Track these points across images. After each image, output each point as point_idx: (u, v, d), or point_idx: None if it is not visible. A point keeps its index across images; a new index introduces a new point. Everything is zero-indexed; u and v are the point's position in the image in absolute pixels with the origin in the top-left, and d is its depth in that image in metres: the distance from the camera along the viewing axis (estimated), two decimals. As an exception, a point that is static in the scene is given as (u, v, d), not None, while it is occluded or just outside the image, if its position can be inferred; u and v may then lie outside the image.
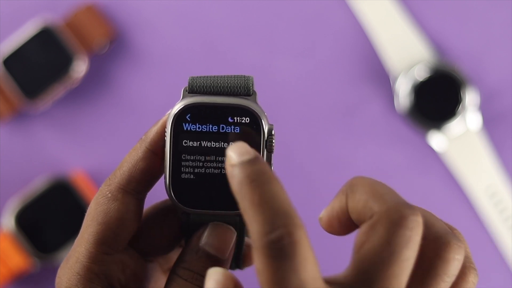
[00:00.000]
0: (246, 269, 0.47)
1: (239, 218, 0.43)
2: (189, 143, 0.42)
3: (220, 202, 0.42)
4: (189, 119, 0.42)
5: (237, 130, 0.42)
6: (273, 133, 0.42)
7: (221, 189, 0.42)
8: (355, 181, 0.39)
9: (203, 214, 0.43)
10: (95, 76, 0.80)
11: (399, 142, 0.79)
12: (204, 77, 0.42)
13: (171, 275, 0.42)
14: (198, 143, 0.42)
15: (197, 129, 0.42)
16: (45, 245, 0.77)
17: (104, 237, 0.42)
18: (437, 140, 0.78)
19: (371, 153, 0.79)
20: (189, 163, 0.42)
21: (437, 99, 0.78)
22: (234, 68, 0.79)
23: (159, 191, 0.45)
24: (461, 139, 0.78)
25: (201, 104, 0.42)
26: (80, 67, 0.78)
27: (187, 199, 0.42)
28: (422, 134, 0.79)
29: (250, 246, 0.46)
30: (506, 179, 0.79)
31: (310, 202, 0.78)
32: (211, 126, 0.42)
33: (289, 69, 0.79)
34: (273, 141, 0.42)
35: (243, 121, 0.42)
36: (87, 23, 0.78)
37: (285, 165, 0.79)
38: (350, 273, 0.36)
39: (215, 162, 0.42)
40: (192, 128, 0.42)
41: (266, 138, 0.42)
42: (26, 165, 0.79)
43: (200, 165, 0.42)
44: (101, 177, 0.79)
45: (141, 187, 0.43)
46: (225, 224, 0.43)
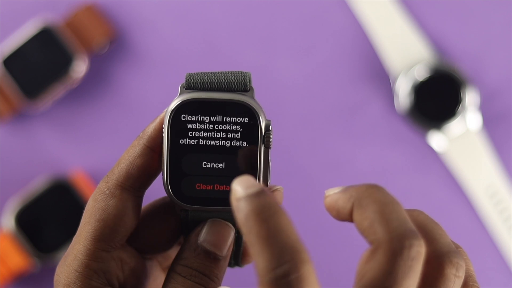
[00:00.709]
0: (246, 267, 0.47)
1: None
2: (186, 139, 0.42)
3: (218, 198, 0.42)
4: (186, 115, 0.42)
5: (234, 126, 0.42)
6: (270, 128, 0.42)
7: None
8: (367, 192, 0.38)
9: (202, 211, 0.43)
10: (95, 76, 0.80)
11: (399, 142, 0.79)
12: (201, 73, 0.42)
13: (170, 273, 0.42)
14: (196, 139, 0.42)
15: (194, 125, 0.42)
16: (45, 245, 0.77)
17: (102, 234, 0.42)
18: (437, 140, 0.78)
19: (371, 153, 0.79)
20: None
21: (437, 99, 0.78)
22: (234, 68, 0.79)
23: (158, 189, 0.45)
24: (461, 139, 0.78)
25: (198, 100, 0.42)
26: (80, 67, 0.78)
27: (185, 195, 0.42)
28: (422, 134, 0.79)
29: None
30: (506, 179, 0.78)
31: (310, 202, 0.78)
32: (208, 122, 0.42)
33: (289, 69, 0.79)
34: (271, 136, 0.42)
35: (240, 117, 0.42)
36: (87, 23, 0.78)
37: (285, 165, 0.79)
38: None
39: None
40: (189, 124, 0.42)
41: (264, 133, 0.42)
42: (26, 165, 0.79)
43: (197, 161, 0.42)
44: (101, 177, 0.78)
45: (139, 184, 0.43)
46: (223, 220, 0.43)
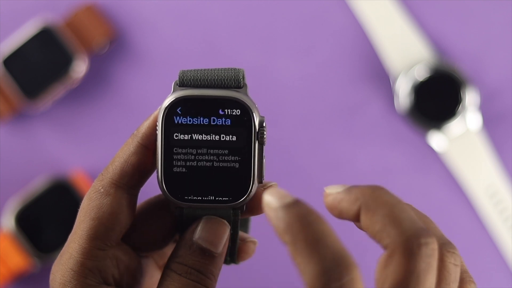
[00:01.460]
0: (242, 264, 0.47)
1: (232, 212, 0.43)
2: (180, 136, 0.42)
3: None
4: (179, 112, 0.42)
5: (228, 123, 0.42)
6: (264, 125, 0.42)
7: (213, 182, 0.42)
8: (374, 195, 0.38)
9: (196, 208, 0.43)
10: (95, 76, 0.80)
11: (399, 142, 0.79)
12: (194, 70, 0.42)
13: (165, 270, 0.42)
14: (189, 136, 0.42)
15: (188, 122, 0.42)
16: (45, 245, 0.77)
17: (97, 232, 0.42)
18: (437, 140, 0.78)
19: (371, 153, 0.79)
20: (180, 156, 0.42)
21: (437, 99, 0.78)
22: (233, 68, 0.79)
23: (153, 187, 0.45)
24: (461, 139, 0.78)
25: (191, 97, 0.42)
26: (80, 67, 0.78)
27: (180, 192, 0.42)
28: (422, 134, 0.79)
29: (245, 240, 0.46)
30: (506, 179, 0.78)
31: (310, 202, 0.78)
32: (202, 118, 0.42)
33: (289, 69, 0.79)
34: (265, 133, 0.42)
35: (234, 113, 0.42)
36: (87, 23, 0.78)
37: (285, 165, 0.79)
38: None
39: (206, 155, 0.42)
40: (183, 121, 0.42)
41: (258, 130, 0.42)
42: (26, 165, 0.79)
43: (191, 158, 0.42)
44: (101, 177, 0.79)
45: (133, 181, 0.43)
46: (218, 218, 0.43)
